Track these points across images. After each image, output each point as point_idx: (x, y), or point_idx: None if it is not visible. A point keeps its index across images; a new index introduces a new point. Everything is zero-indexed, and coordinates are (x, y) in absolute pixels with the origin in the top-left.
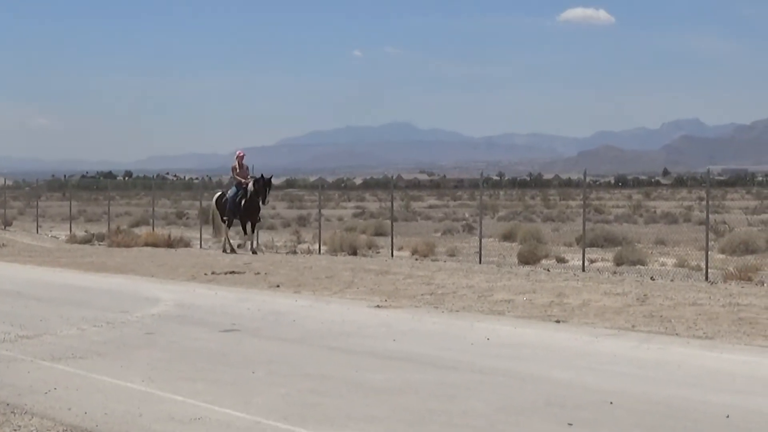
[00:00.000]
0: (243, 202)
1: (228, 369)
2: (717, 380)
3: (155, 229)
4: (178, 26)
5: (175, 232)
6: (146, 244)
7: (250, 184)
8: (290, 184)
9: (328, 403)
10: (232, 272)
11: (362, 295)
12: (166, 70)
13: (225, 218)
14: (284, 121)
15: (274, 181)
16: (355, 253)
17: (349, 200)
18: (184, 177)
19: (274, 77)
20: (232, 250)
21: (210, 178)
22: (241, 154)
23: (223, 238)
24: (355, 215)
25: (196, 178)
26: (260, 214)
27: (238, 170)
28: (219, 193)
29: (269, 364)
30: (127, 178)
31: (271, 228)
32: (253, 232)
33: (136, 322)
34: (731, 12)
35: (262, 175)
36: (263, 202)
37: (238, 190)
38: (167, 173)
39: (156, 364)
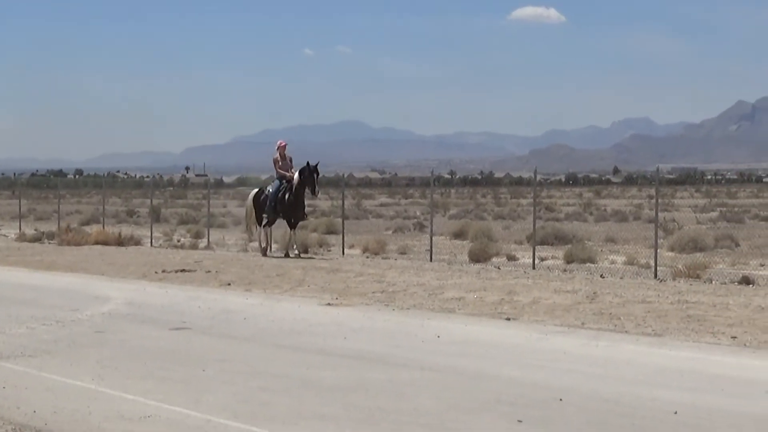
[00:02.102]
0: (287, 197)
1: (178, 367)
2: (665, 377)
3: (106, 227)
4: (130, 24)
5: (126, 230)
6: (96, 243)
7: (296, 176)
8: (242, 182)
9: (279, 401)
10: (183, 270)
11: (313, 293)
12: (119, 69)
13: (265, 216)
14: (237, 119)
15: (225, 179)
16: (306, 251)
17: None
18: (135, 175)
19: (227, 76)
20: (264, 252)
21: (161, 176)
22: (283, 144)
23: (257, 240)
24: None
25: (147, 177)
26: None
27: (280, 163)
28: (257, 190)
29: (220, 362)
30: (77, 177)
31: (222, 226)
32: (294, 231)
33: (87, 321)
34: (681, 12)
35: (308, 163)
36: (314, 193)
37: (280, 185)
38: (118, 171)
39: (106, 363)
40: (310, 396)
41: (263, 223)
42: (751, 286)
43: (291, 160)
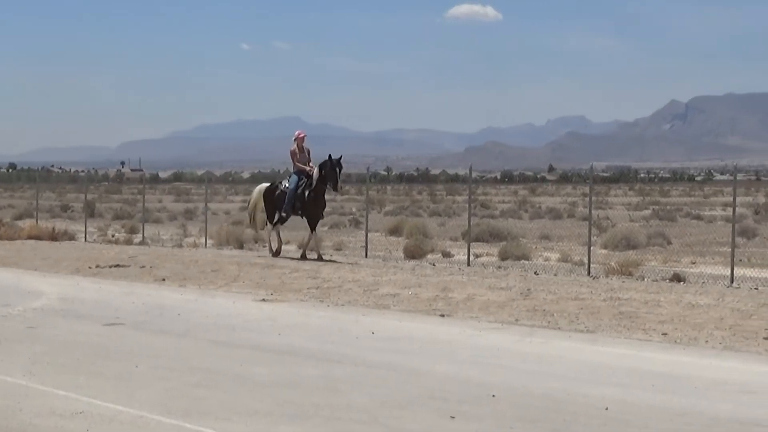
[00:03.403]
0: (307, 194)
1: (111, 363)
2: (597, 373)
3: (39, 222)
4: (64, 16)
5: (60, 225)
6: (30, 237)
7: (315, 171)
8: (178, 177)
9: (213, 397)
10: (117, 266)
11: (248, 289)
12: (57, 62)
13: (284, 214)
14: (173, 114)
15: (162, 174)
16: (241, 247)
17: (237, 194)
18: (70, 170)
19: (163, 70)
20: (277, 253)
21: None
22: (302, 135)
23: (267, 240)
24: (242, 209)
25: (82, 171)
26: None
27: (298, 155)
28: (268, 185)
29: (153, 358)
30: (10, 171)
31: (158, 221)
32: (314, 231)
33: (18, 316)
34: (616, 10)
35: (330, 156)
36: (335, 189)
37: (299, 180)
38: (52, 165)
39: (38, 358)
40: (244, 392)
41: (275, 221)
42: (682, 283)
43: (309, 153)
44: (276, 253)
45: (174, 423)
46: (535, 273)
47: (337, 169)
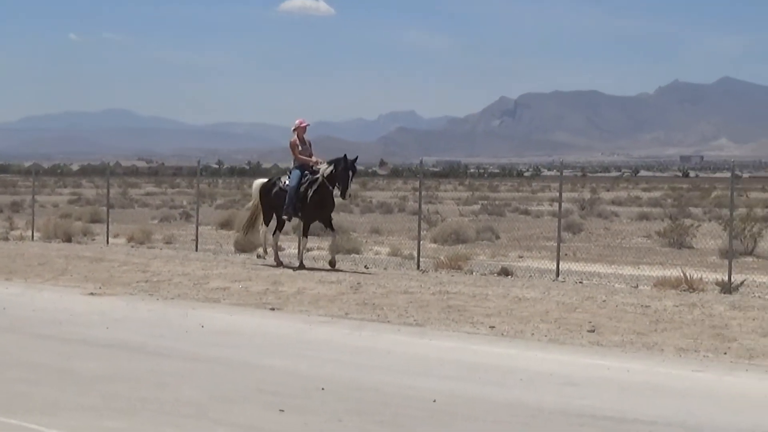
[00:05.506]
0: (311, 193)
1: None
2: (426, 366)
3: None
4: None
5: None
6: None
7: (323, 167)
8: (3, 169)
9: (38, 392)
10: None
11: (76, 283)
12: None
13: (285, 217)
14: None
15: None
16: (69, 240)
17: (66, 186)
18: None
19: None
20: (277, 261)
21: None
22: (303, 125)
23: (263, 242)
24: (70, 202)
25: None
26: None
27: (299, 147)
28: (264, 181)
29: None
30: None
31: None
32: (333, 231)
33: None
34: (445, 8)
35: (345, 156)
36: (343, 195)
37: (302, 175)
38: None
39: None
40: (70, 386)
41: (275, 224)
42: (509, 277)
43: (311, 145)
44: (259, 257)
45: None
46: (365, 267)
47: (350, 173)
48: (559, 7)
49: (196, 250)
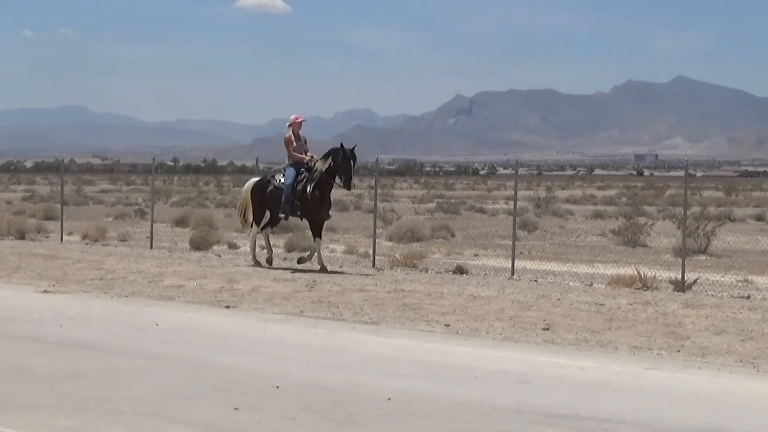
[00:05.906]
0: (310, 190)
1: None
2: (380, 364)
3: None
4: None
5: None
6: None
7: (318, 163)
8: None
9: None
10: None
11: (29, 280)
12: None
13: (282, 216)
14: None
15: None
16: (23, 238)
17: (19, 183)
18: None
19: None
20: (269, 262)
21: None
22: (299, 120)
23: (253, 243)
24: (24, 199)
25: None
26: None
27: (294, 144)
28: (257, 180)
29: None
30: None
31: None
32: (319, 235)
33: None
34: (402, 7)
35: (341, 146)
36: (348, 186)
37: (298, 173)
38: None
39: None
40: (23, 385)
41: (262, 224)
42: (464, 275)
43: (306, 141)
44: (268, 262)
45: None
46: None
47: (351, 162)
48: (515, 6)
49: (151, 247)
